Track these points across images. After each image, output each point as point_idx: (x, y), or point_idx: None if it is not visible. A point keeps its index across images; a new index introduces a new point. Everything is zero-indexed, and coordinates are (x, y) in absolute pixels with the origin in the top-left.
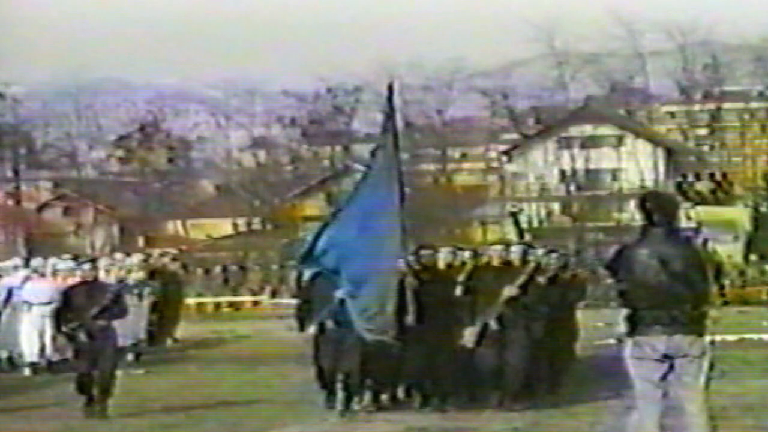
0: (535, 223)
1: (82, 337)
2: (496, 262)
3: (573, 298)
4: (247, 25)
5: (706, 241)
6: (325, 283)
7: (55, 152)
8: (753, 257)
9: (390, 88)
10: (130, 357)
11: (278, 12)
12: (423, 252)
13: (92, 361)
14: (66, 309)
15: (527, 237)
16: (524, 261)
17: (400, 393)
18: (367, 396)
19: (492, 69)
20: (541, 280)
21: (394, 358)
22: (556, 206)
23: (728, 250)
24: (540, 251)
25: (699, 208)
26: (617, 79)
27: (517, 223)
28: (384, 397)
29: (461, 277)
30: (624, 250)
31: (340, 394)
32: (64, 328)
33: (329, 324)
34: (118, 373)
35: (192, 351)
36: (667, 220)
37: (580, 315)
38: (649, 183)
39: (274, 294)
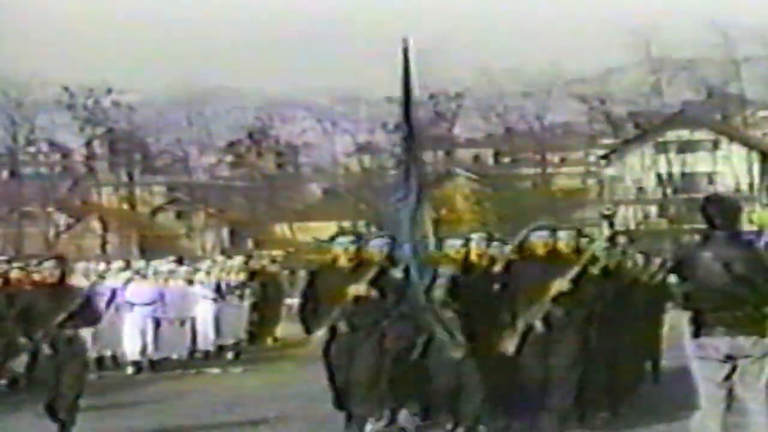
0: (632, 226)
1: (45, 349)
2: (540, 252)
3: (643, 300)
4: (351, 35)
5: None
6: (334, 276)
7: (168, 157)
8: None
9: (405, 51)
10: (230, 356)
11: (381, 21)
12: (450, 242)
13: (55, 377)
14: (25, 316)
15: (623, 240)
16: (577, 250)
17: (405, 416)
18: (385, 417)
19: (589, 75)
20: (595, 271)
21: (417, 369)
22: (653, 209)
23: None
24: (597, 241)
25: None
26: (712, 85)
27: (611, 225)
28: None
29: (497, 269)
30: (688, 253)
31: (356, 411)
32: (22, 339)
33: (342, 327)
34: (215, 371)
35: (291, 350)
36: (728, 223)
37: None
38: (744, 186)
39: None
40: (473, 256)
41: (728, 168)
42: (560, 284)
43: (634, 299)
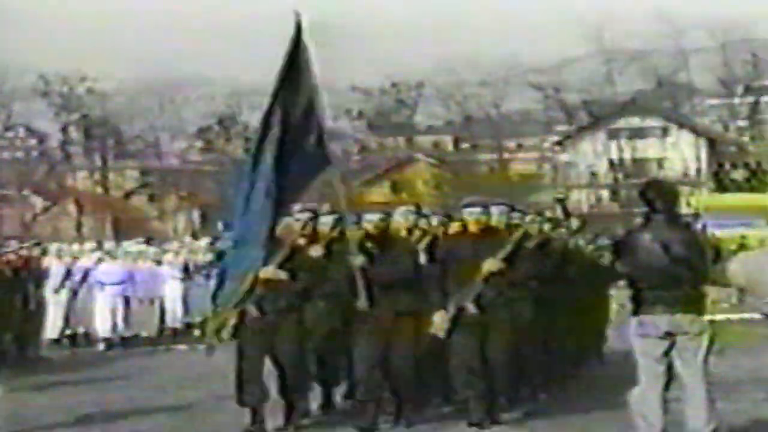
0: (585, 209)
1: None
2: (473, 228)
3: (582, 279)
4: (317, 26)
5: (705, 226)
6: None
7: (140, 143)
8: None
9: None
10: (197, 333)
11: (345, 13)
12: (369, 217)
13: None
14: None
15: (575, 222)
16: (508, 226)
17: (338, 398)
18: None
19: (545, 65)
20: (530, 246)
21: (342, 352)
22: (605, 193)
23: (761, 234)
24: (529, 216)
25: (732, 195)
26: (662, 74)
27: (564, 208)
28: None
29: (422, 245)
30: (629, 235)
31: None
32: None
33: (251, 311)
34: (183, 348)
35: None
36: (667, 207)
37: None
38: (692, 171)
39: None
40: (402, 231)
41: (677, 154)
42: (491, 264)
43: (572, 277)
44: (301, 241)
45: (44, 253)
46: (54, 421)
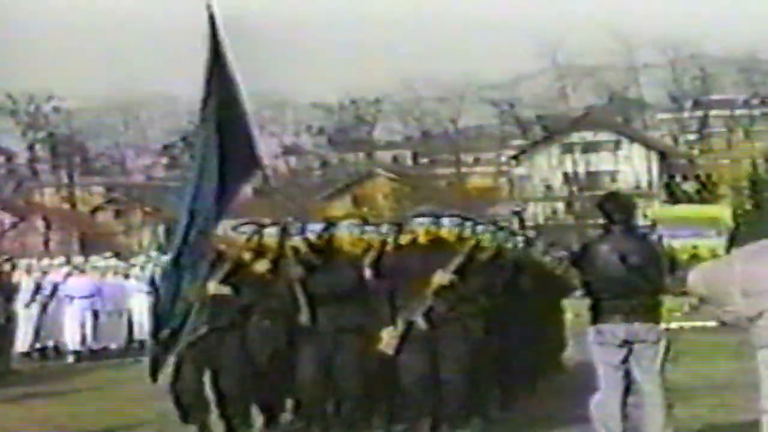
0: (541, 221)
1: None
2: (422, 239)
3: (531, 287)
4: (277, 44)
5: (661, 237)
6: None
7: (106, 160)
8: (734, 251)
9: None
10: None
11: (305, 31)
12: (313, 228)
13: None
14: None
15: (532, 234)
16: (460, 237)
17: (288, 415)
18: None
19: (500, 82)
20: (482, 257)
21: (285, 371)
22: (560, 205)
23: (712, 245)
24: (481, 226)
25: (683, 206)
26: (614, 90)
27: (521, 221)
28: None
29: (368, 259)
30: (588, 246)
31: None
32: None
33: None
34: None
35: None
36: (625, 218)
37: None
38: (644, 183)
39: None
40: (344, 244)
41: (629, 167)
42: (441, 277)
43: (525, 289)
44: (246, 255)
45: (13, 268)
46: None
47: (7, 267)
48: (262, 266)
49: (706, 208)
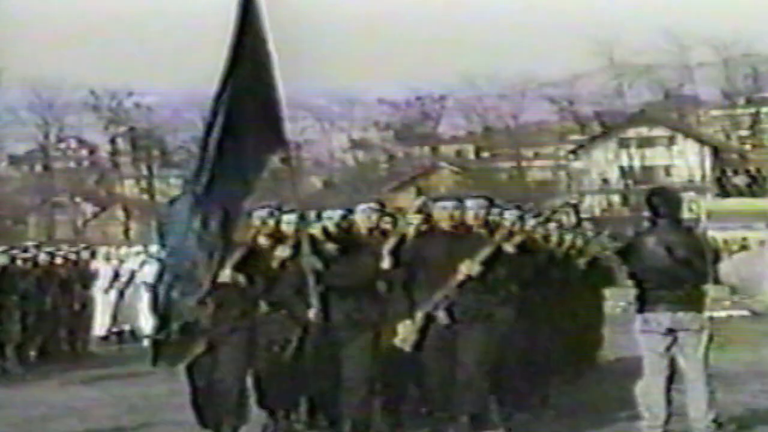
0: (597, 213)
1: None
2: (445, 225)
3: (562, 277)
4: (349, 42)
5: (705, 230)
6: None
7: (183, 153)
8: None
9: None
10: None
11: (373, 29)
12: (329, 215)
13: None
14: None
15: (588, 225)
16: (487, 224)
17: (302, 415)
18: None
19: (559, 79)
20: (509, 248)
21: (296, 369)
22: (616, 198)
23: (760, 236)
24: (509, 212)
25: (734, 199)
26: (669, 87)
27: (577, 213)
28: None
29: (387, 247)
30: (635, 238)
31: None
32: None
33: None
34: None
35: None
36: (671, 212)
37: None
38: (697, 178)
39: None
40: (362, 230)
41: (683, 161)
42: (469, 267)
43: (558, 279)
44: (263, 241)
45: (93, 255)
46: (104, 413)
47: (86, 255)
48: (283, 251)
49: (756, 201)
